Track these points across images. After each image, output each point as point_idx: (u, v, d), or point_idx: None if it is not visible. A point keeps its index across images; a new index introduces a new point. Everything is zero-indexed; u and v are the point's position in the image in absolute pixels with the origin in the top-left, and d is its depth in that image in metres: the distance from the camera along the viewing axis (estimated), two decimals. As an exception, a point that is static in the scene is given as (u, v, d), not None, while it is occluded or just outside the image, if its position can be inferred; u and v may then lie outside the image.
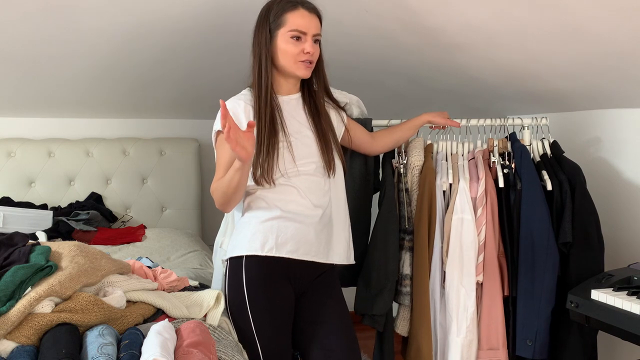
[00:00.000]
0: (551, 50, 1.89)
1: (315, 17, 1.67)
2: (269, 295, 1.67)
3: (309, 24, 1.64)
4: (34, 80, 2.67)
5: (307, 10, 1.65)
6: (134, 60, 2.52)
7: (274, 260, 1.66)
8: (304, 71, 1.69)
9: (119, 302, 1.42)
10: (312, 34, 1.66)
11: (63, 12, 2.04)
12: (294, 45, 1.64)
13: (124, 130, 3.26)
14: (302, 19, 1.64)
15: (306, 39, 1.65)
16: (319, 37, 1.69)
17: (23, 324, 1.27)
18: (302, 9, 1.65)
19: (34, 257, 1.43)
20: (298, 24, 1.63)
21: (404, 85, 2.72)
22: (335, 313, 1.73)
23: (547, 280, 1.94)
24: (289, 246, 1.66)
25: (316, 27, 1.67)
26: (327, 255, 1.73)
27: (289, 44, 1.65)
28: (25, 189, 3.01)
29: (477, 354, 1.99)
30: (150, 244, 2.72)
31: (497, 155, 2.09)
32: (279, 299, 1.69)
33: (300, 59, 1.66)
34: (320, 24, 1.70)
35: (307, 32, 1.64)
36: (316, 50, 1.69)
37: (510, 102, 2.63)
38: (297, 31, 1.63)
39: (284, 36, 1.65)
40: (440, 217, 2.04)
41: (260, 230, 1.67)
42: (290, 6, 1.64)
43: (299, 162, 1.69)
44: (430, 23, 1.96)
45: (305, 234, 1.68)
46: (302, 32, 1.64)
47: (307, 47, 1.64)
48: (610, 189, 2.23)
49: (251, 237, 1.68)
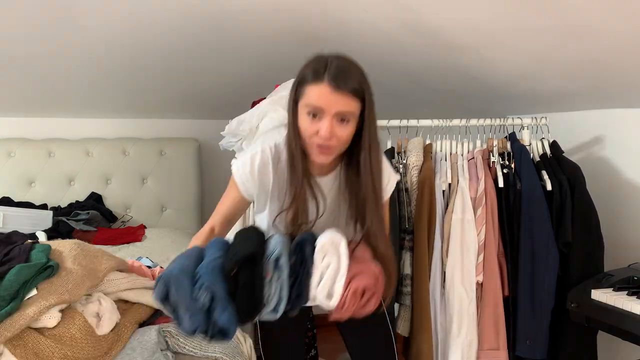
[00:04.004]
0: (551, 50, 1.88)
1: (344, 95, 1.27)
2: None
3: (330, 100, 1.27)
4: (34, 80, 2.67)
5: (332, 88, 1.26)
6: (134, 60, 2.52)
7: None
8: (318, 157, 1.34)
9: (109, 327, 1.41)
10: (334, 112, 1.28)
11: (63, 12, 2.04)
12: (310, 124, 1.31)
13: (124, 130, 3.26)
14: (321, 95, 1.27)
15: (323, 117, 1.29)
16: (347, 115, 1.29)
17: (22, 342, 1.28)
18: (325, 84, 1.27)
19: (34, 255, 1.44)
20: (314, 99, 1.28)
21: (404, 85, 2.72)
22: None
23: (547, 280, 1.94)
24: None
25: (343, 104, 1.27)
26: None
27: (305, 122, 1.31)
28: (25, 189, 3.01)
29: (477, 354, 1.99)
30: (150, 244, 2.72)
31: (497, 155, 2.09)
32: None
33: (315, 141, 1.31)
34: (361, 99, 1.31)
35: (325, 109, 1.28)
36: (341, 132, 1.30)
37: (510, 102, 2.63)
38: (312, 106, 1.29)
39: (302, 110, 1.32)
40: (440, 217, 2.04)
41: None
42: (313, 76, 1.29)
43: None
44: (430, 23, 1.96)
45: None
46: (318, 109, 1.29)
47: (322, 128, 1.28)
48: (610, 189, 2.23)
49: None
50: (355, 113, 1.31)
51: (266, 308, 1.21)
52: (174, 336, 1.48)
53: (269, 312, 1.22)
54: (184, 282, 1.18)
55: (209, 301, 1.16)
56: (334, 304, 1.22)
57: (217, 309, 1.16)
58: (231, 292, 1.18)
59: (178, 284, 1.17)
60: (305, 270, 1.23)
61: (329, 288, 1.22)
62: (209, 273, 1.17)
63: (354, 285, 1.22)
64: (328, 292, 1.22)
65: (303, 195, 1.37)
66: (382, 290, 1.29)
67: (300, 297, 1.23)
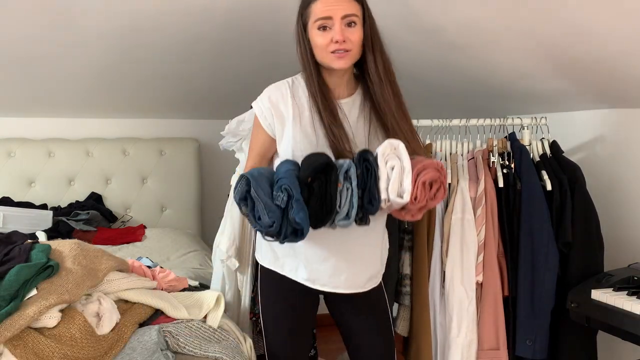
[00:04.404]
0: (551, 50, 1.89)
1: (345, 0, 1.43)
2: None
3: (334, 7, 1.41)
4: (34, 80, 2.67)
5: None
6: (133, 60, 2.52)
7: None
8: (337, 62, 1.44)
9: (109, 326, 1.42)
10: (341, 16, 1.41)
11: (63, 12, 2.04)
12: (322, 37, 1.43)
13: (124, 130, 3.26)
14: (325, 4, 1.42)
15: (333, 24, 1.42)
16: (353, 17, 1.43)
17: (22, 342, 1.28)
18: None
19: (34, 255, 1.44)
20: (321, 11, 1.42)
21: (404, 85, 2.71)
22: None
23: (547, 280, 1.94)
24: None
25: (346, 7, 1.42)
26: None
27: (318, 37, 1.44)
28: (25, 189, 3.01)
29: (477, 354, 1.99)
30: (150, 243, 2.72)
31: (497, 155, 2.09)
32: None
33: (331, 49, 1.43)
34: (360, 3, 1.46)
35: (332, 16, 1.41)
36: (352, 35, 1.43)
37: (510, 102, 2.63)
38: (321, 19, 1.42)
39: (313, 29, 1.45)
40: (440, 217, 2.04)
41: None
42: None
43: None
44: (430, 23, 1.96)
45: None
46: (327, 18, 1.42)
47: (335, 34, 1.41)
48: (610, 189, 2.23)
49: None
50: (359, 16, 1.45)
51: (339, 215, 1.32)
52: (174, 336, 1.48)
53: (342, 219, 1.32)
54: (263, 182, 1.30)
55: (285, 201, 1.28)
56: (406, 199, 1.30)
57: (294, 209, 1.27)
58: (306, 199, 1.30)
59: (258, 183, 1.29)
60: (372, 177, 1.32)
61: (398, 187, 1.31)
62: (288, 177, 1.30)
63: (422, 179, 1.30)
64: (398, 191, 1.31)
65: (337, 121, 1.46)
66: (446, 182, 1.36)
67: (372, 203, 1.32)
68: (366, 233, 1.51)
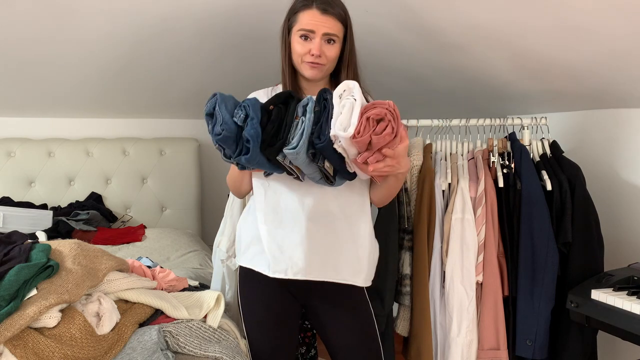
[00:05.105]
0: (551, 50, 1.89)
1: (330, 18, 1.54)
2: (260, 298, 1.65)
3: (319, 23, 1.53)
4: (34, 80, 2.67)
5: (320, 11, 1.54)
6: (133, 60, 2.52)
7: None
8: (309, 71, 1.58)
9: (109, 326, 1.42)
10: (323, 33, 1.54)
11: (63, 12, 2.04)
12: (302, 46, 1.55)
13: (124, 130, 3.26)
14: (311, 19, 1.53)
15: (314, 37, 1.54)
16: (333, 37, 1.56)
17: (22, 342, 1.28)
18: (315, 9, 1.54)
19: (34, 255, 1.44)
20: (306, 24, 1.54)
21: (404, 86, 2.72)
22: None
23: (547, 280, 1.94)
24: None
25: (330, 27, 1.54)
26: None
27: (298, 44, 1.56)
28: (25, 189, 3.01)
29: (477, 354, 1.99)
30: (150, 243, 2.72)
31: (497, 155, 2.09)
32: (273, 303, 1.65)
33: (307, 59, 1.56)
34: (344, 25, 1.58)
35: (315, 30, 1.53)
36: (329, 51, 1.56)
37: (510, 102, 2.63)
38: (304, 30, 1.54)
39: (295, 35, 1.57)
40: (440, 217, 2.04)
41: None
42: (302, 5, 1.56)
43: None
44: (430, 23, 1.96)
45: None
46: (309, 31, 1.54)
47: (313, 47, 1.54)
48: (610, 189, 2.23)
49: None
50: (340, 36, 1.57)
51: (289, 145, 1.37)
52: (174, 336, 1.48)
53: (290, 149, 1.36)
54: (229, 102, 1.38)
55: (243, 119, 1.36)
56: (350, 132, 1.32)
57: (247, 126, 1.35)
58: (264, 124, 1.37)
59: (224, 101, 1.38)
60: (326, 114, 1.37)
61: (346, 122, 1.33)
62: (251, 101, 1.38)
63: (367, 114, 1.33)
64: (345, 126, 1.33)
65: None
66: (398, 124, 1.36)
67: (320, 137, 1.36)
68: (349, 228, 1.58)
